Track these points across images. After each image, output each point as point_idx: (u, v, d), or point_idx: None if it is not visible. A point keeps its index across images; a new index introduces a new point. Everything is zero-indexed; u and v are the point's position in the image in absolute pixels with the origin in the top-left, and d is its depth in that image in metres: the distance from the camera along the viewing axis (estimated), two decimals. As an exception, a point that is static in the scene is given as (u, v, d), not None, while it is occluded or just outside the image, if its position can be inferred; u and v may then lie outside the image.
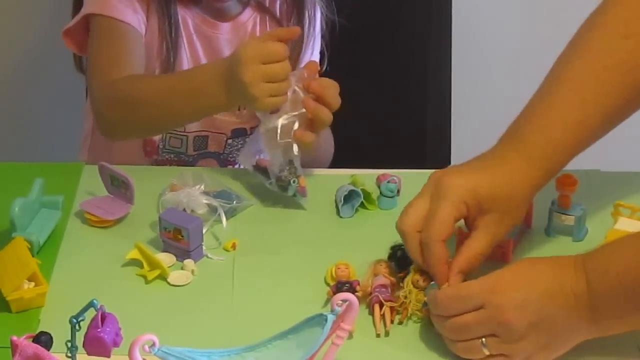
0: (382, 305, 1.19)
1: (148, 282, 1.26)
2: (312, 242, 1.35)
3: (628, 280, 1.07)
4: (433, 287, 1.17)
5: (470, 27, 2.15)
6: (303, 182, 1.41)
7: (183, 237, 1.29)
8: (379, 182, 1.42)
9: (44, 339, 1.03)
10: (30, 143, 2.29)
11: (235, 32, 1.64)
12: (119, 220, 1.38)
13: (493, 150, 1.23)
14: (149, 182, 1.43)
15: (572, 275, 1.09)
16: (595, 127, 1.22)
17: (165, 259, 1.29)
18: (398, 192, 1.40)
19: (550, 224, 1.35)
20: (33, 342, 1.02)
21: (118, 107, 1.49)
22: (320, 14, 1.65)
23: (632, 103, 1.24)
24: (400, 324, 1.20)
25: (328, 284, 1.25)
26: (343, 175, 1.46)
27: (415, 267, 1.21)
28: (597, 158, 1.37)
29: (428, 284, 1.19)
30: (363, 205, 1.41)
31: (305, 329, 1.06)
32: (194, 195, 1.37)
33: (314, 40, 1.66)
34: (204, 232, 1.33)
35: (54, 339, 1.04)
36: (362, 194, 1.40)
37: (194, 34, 1.61)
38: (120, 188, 1.38)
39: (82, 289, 1.23)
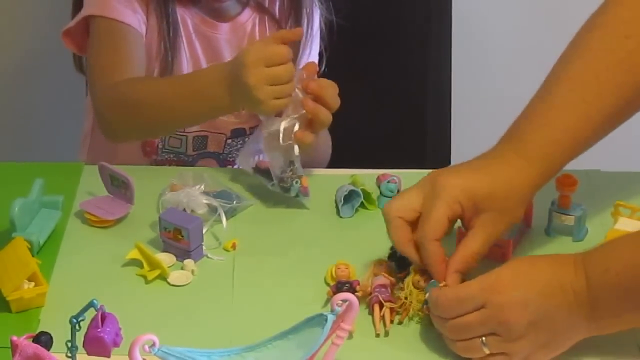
0: (382, 306, 1.19)
1: (148, 282, 1.26)
2: (312, 242, 1.35)
3: (627, 279, 1.08)
4: (434, 285, 1.17)
5: (470, 27, 2.15)
6: (305, 182, 1.41)
7: (183, 237, 1.29)
8: (379, 182, 1.42)
9: (44, 339, 1.03)
10: (30, 143, 2.29)
11: (235, 32, 1.63)
12: (119, 220, 1.38)
13: (493, 150, 1.23)
14: (149, 182, 1.43)
15: (571, 273, 1.10)
16: (596, 127, 1.22)
17: (165, 259, 1.29)
18: (398, 192, 1.40)
19: (550, 224, 1.34)
20: (33, 342, 1.02)
21: (120, 109, 1.49)
22: (319, 15, 1.65)
23: (633, 103, 1.24)
24: (400, 324, 1.20)
25: (328, 284, 1.25)
26: (343, 175, 1.46)
27: (415, 267, 1.21)
28: (597, 158, 1.37)
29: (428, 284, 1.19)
30: (363, 205, 1.41)
31: (306, 329, 1.06)
32: (194, 195, 1.37)
33: (312, 41, 1.65)
34: (204, 232, 1.33)
35: (54, 339, 1.04)
36: (362, 194, 1.40)
37: (193, 34, 1.61)
38: (120, 188, 1.38)
39: (82, 289, 1.23)
